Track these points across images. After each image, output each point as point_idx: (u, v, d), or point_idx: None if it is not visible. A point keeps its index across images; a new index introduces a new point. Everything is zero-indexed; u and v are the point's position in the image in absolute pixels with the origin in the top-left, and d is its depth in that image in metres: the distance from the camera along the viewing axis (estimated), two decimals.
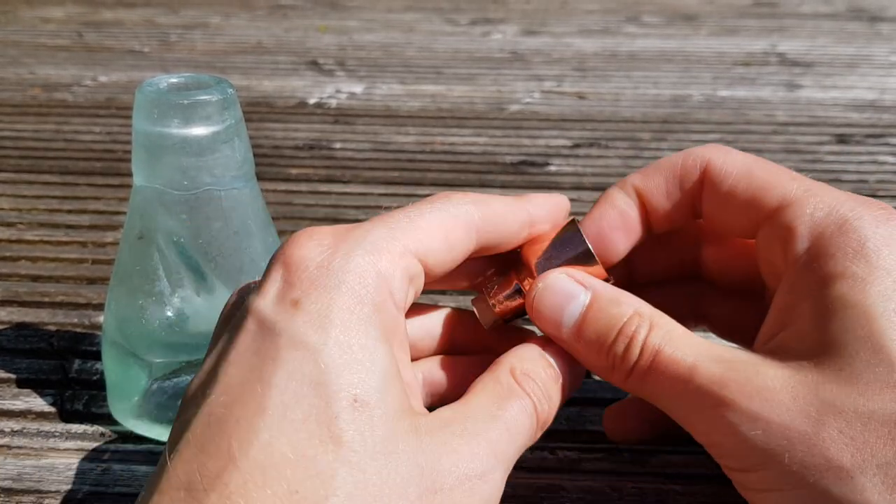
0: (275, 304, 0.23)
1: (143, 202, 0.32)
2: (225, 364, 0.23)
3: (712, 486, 0.32)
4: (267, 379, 0.22)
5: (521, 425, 0.25)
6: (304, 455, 0.21)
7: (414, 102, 0.77)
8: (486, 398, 0.25)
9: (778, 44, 0.99)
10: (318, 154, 0.65)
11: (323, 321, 0.23)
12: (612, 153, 0.65)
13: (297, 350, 0.22)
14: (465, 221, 0.27)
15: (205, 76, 0.32)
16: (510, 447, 0.25)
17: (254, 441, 0.21)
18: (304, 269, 0.23)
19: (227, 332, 0.24)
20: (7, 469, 0.33)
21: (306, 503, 0.20)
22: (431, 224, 0.26)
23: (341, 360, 0.22)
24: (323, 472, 0.21)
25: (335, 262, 0.24)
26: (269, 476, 0.21)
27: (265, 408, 0.21)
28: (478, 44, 1.00)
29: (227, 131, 0.31)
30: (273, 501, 0.20)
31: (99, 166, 0.62)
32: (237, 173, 0.32)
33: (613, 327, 0.26)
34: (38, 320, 0.43)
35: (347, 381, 0.22)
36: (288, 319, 0.23)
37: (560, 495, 0.32)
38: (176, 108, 0.30)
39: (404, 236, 0.25)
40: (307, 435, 0.21)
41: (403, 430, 0.23)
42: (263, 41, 0.99)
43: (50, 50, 0.94)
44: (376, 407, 0.22)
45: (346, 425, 0.22)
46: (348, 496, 0.21)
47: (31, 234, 0.52)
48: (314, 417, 0.21)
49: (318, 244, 0.24)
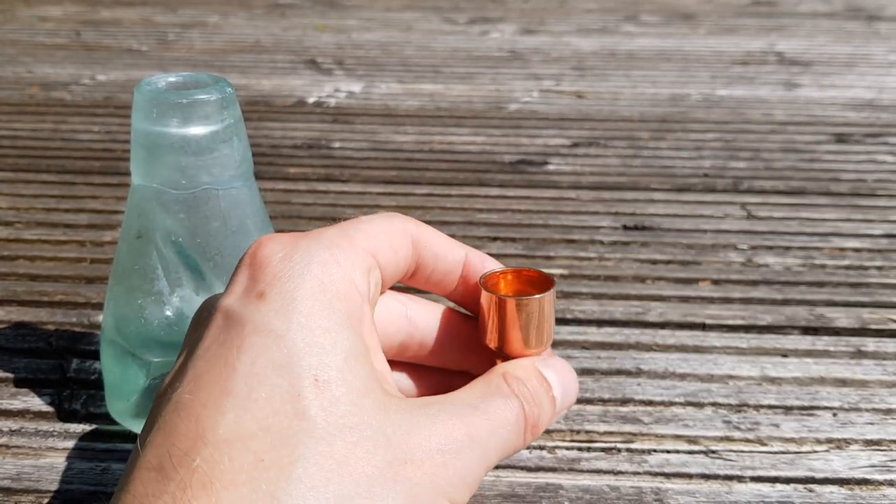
0: (240, 299, 0.24)
1: (142, 201, 0.32)
2: (193, 358, 0.24)
3: (711, 485, 0.32)
4: (232, 364, 0.23)
5: (505, 420, 0.25)
6: (269, 429, 0.22)
7: (412, 101, 0.77)
8: (471, 391, 0.26)
9: (776, 43, 0.99)
10: (317, 153, 0.65)
11: (286, 308, 0.23)
12: (610, 152, 0.65)
13: (260, 336, 0.23)
14: (402, 229, 0.28)
15: (203, 75, 0.32)
16: (490, 438, 0.25)
17: (220, 420, 0.22)
18: (267, 265, 0.25)
19: (196, 332, 0.25)
20: (6, 469, 0.33)
21: (271, 470, 0.21)
22: (375, 227, 0.27)
23: (304, 343, 0.23)
24: (288, 442, 0.21)
25: (297, 256, 0.25)
26: (234, 449, 0.21)
27: (230, 390, 0.22)
28: (476, 43, 1.00)
29: (226, 130, 0.31)
30: (239, 471, 0.21)
31: (97, 165, 0.62)
32: (236, 172, 0.32)
33: None
34: (36, 320, 0.43)
35: (309, 362, 0.23)
36: (253, 310, 0.24)
37: (559, 494, 0.32)
38: (175, 108, 0.30)
39: (356, 234, 0.26)
40: (272, 411, 0.22)
41: (370, 407, 0.23)
42: (262, 40, 0.99)
43: (48, 49, 0.94)
44: (339, 386, 0.23)
45: (310, 402, 0.22)
46: (313, 463, 0.21)
47: (29, 233, 0.52)
48: (278, 396, 0.22)
49: (280, 243, 0.25)
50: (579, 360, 0.40)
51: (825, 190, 0.59)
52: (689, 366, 0.40)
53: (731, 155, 0.65)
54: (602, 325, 0.43)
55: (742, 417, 0.36)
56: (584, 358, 0.40)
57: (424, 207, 0.56)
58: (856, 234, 0.53)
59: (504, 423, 0.25)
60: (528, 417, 0.26)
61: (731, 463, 0.33)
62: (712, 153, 0.66)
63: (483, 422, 0.25)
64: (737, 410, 0.36)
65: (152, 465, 0.21)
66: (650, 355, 0.40)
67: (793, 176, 0.62)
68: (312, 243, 0.25)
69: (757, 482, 0.32)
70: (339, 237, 0.26)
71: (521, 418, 0.26)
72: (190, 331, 0.26)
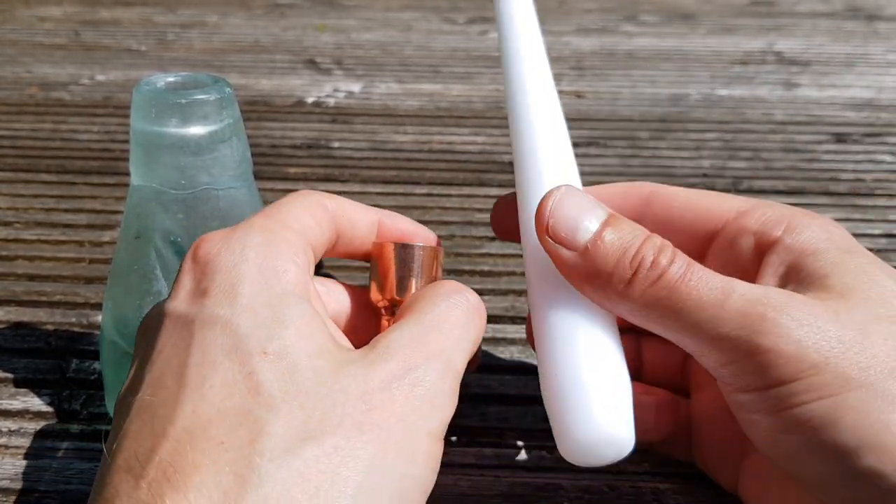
0: (186, 301, 0.25)
1: (141, 201, 0.32)
2: (148, 363, 0.24)
3: (710, 485, 0.32)
4: (184, 360, 0.23)
5: (455, 320, 0.26)
6: (226, 411, 0.22)
7: (412, 101, 0.77)
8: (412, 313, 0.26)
9: (775, 43, 0.99)
10: (316, 153, 0.65)
11: (230, 296, 0.24)
12: (610, 152, 0.65)
13: (208, 328, 0.23)
14: (319, 204, 0.29)
15: (202, 75, 0.32)
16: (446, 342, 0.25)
17: (179, 414, 0.22)
18: (206, 263, 0.25)
19: (146, 339, 0.25)
20: (5, 469, 0.33)
21: (233, 451, 0.21)
22: (297, 207, 0.28)
23: (251, 322, 0.23)
24: (247, 420, 0.22)
25: (232, 246, 0.25)
26: (196, 437, 0.21)
27: (185, 384, 0.22)
28: (476, 42, 1.00)
29: (225, 130, 0.31)
30: (203, 457, 0.21)
31: (96, 165, 0.62)
32: (235, 173, 0.32)
33: (641, 235, 0.26)
34: (35, 320, 0.43)
35: (257, 338, 0.23)
36: (200, 308, 0.24)
37: (558, 494, 0.32)
38: (174, 108, 0.30)
39: (283, 216, 0.27)
40: (227, 394, 0.22)
41: (324, 368, 0.23)
42: (261, 40, 0.99)
43: (47, 49, 0.94)
44: (289, 355, 0.23)
45: (263, 377, 0.22)
46: (274, 434, 0.21)
47: (28, 233, 0.52)
48: (231, 378, 0.22)
49: (214, 240, 0.26)
50: None
51: (824, 189, 0.59)
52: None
53: (730, 155, 0.65)
54: None
55: None
56: None
57: (424, 207, 0.56)
58: (855, 233, 0.53)
59: (455, 323, 0.26)
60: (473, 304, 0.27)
61: None
62: (712, 153, 0.66)
63: (434, 333, 0.25)
64: None
65: (121, 468, 0.22)
66: None
67: (792, 176, 0.62)
68: (245, 233, 0.26)
69: None
70: (268, 222, 0.27)
71: (470, 313, 0.26)
72: (139, 339, 0.26)
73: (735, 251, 0.29)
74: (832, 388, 0.23)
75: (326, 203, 0.29)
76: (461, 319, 0.26)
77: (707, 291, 0.25)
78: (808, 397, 0.24)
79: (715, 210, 0.30)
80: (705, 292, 0.25)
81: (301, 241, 0.27)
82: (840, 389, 0.23)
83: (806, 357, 0.24)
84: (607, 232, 0.26)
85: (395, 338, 0.25)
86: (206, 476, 0.21)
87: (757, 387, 0.25)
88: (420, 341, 0.25)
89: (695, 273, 0.25)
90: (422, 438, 0.23)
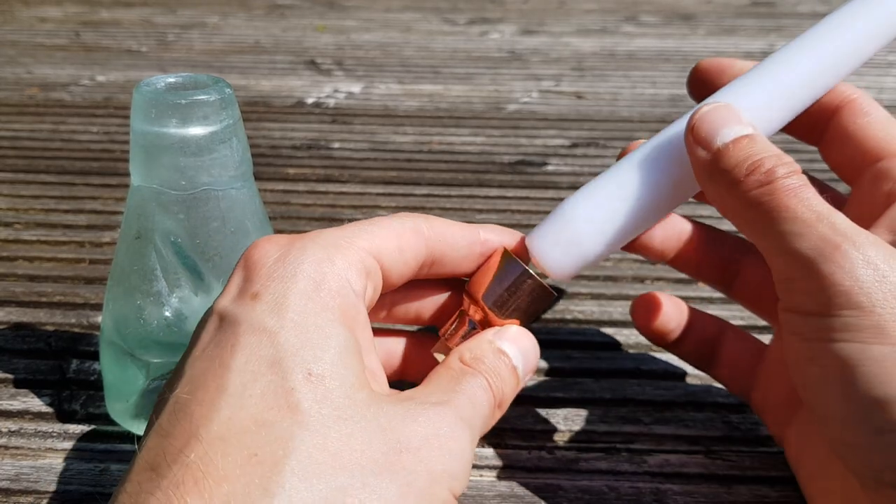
0: (235, 300, 0.25)
1: (141, 202, 0.32)
2: (190, 359, 0.24)
3: (710, 486, 0.32)
4: (226, 363, 0.23)
5: (480, 398, 0.26)
6: (263, 423, 0.22)
7: (412, 102, 0.77)
8: (440, 380, 0.26)
9: (775, 43, 0.99)
10: (316, 154, 0.65)
11: (280, 307, 0.24)
12: (609, 153, 0.65)
13: (255, 335, 0.23)
14: (413, 229, 0.28)
15: (202, 76, 0.32)
16: (475, 417, 0.25)
17: (214, 418, 0.22)
18: (262, 266, 0.25)
19: (196, 335, 0.25)
20: (5, 469, 0.33)
21: (265, 465, 0.21)
22: (382, 228, 0.27)
23: (297, 340, 0.23)
24: (281, 437, 0.22)
25: (291, 255, 0.25)
26: (229, 444, 0.21)
27: (225, 388, 0.22)
28: (476, 43, 1.00)
29: (225, 131, 0.31)
30: (233, 466, 0.21)
31: (96, 166, 0.62)
32: (235, 173, 0.32)
33: (771, 150, 0.27)
34: (35, 320, 0.43)
35: (302, 357, 0.23)
36: (248, 310, 0.24)
37: (558, 495, 0.32)
38: (174, 108, 0.30)
39: (356, 236, 0.27)
40: (265, 406, 0.22)
41: (363, 400, 0.23)
42: (261, 41, 0.99)
43: (47, 49, 0.94)
44: (332, 380, 0.23)
45: (303, 395, 0.22)
46: (307, 455, 0.21)
47: (28, 234, 0.52)
48: (272, 392, 0.22)
49: (275, 244, 0.26)
50: (579, 360, 0.40)
51: None
52: (689, 366, 0.40)
53: None
54: (602, 325, 0.43)
55: (742, 418, 0.36)
56: (584, 358, 0.40)
57: (424, 208, 0.56)
58: None
59: (480, 402, 0.26)
60: (493, 392, 0.27)
61: (730, 463, 0.33)
62: None
63: (465, 401, 0.25)
64: (737, 411, 0.36)
65: (148, 465, 0.22)
66: (650, 355, 0.40)
67: None
68: (308, 243, 0.25)
69: (757, 483, 0.32)
70: (338, 237, 0.26)
71: (489, 394, 0.26)
72: (192, 335, 0.26)
73: (873, 190, 0.30)
74: (865, 334, 0.24)
75: (422, 227, 0.28)
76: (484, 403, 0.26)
77: (805, 209, 0.26)
78: (840, 335, 0.25)
79: (882, 143, 0.31)
80: (803, 209, 0.26)
81: (364, 263, 0.26)
82: (872, 339, 0.24)
83: (854, 297, 0.24)
84: (741, 141, 0.28)
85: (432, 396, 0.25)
86: (236, 486, 0.21)
87: (802, 309, 0.26)
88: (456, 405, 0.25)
89: (803, 191, 0.26)
90: (443, 493, 0.23)
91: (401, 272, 0.28)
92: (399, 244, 0.27)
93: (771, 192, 0.26)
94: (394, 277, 0.28)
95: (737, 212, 0.28)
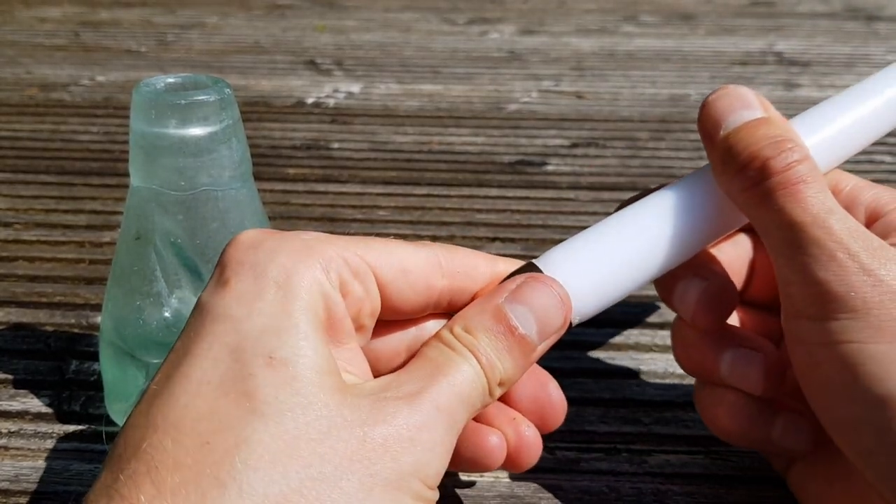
0: (209, 290, 0.24)
1: (140, 202, 0.32)
2: (171, 351, 0.24)
3: (710, 486, 0.32)
4: (191, 350, 0.23)
5: (464, 382, 0.24)
6: (217, 411, 0.21)
7: (412, 102, 0.77)
8: (421, 363, 0.25)
9: (775, 43, 0.99)
10: (316, 154, 0.65)
11: (248, 295, 0.23)
12: (609, 153, 0.65)
13: (220, 322, 0.23)
14: (427, 257, 0.26)
15: (202, 76, 0.32)
16: (456, 404, 0.24)
17: (173, 406, 0.22)
18: (235, 255, 0.25)
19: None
20: (4, 470, 0.33)
21: (216, 453, 0.21)
22: (386, 244, 0.26)
23: (261, 326, 0.23)
24: (234, 425, 0.21)
25: (266, 245, 0.25)
26: (182, 433, 0.21)
27: (186, 374, 0.22)
28: (475, 43, 1.00)
29: (225, 132, 0.31)
30: (185, 454, 0.21)
31: (96, 166, 0.62)
32: (234, 174, 0.32)
33: (781, 135, 0.27)
34: (35, 321, 0.43)
35: (264, 343, 0.22)
36: (217, 298, 0.24)
37: (558, 495, 0.32)
38: (173, 109, 0.30)
39: (349, 240, 0.26)
40: (222, 393, 0.22)
41: (327, 388, 0.22)
42: (261, 41, 0.99)
43: (47, 50, 0.94)
44: (293, 366, 0.22)
45: (261, 381, 0.22)
46: (259, 443, 0.21)
47: (28, 234, 0.52)
48: (230, 378, 0.22)
49: (254, 235, 0.25)
50: (579, 360, 0.40)
51: None
52: None
53: None
54: (602, 325, 0.43)
55: None
56: (583, 358, 0.40)
57: (424, 208, 0.56)
58: None
59: (463, 384, 0.24)
60: (486, 371, 0.25)
61: (731, 464, 0.33)
62: None
63: (445, 388, 0.24)
64: None
65: (113, 458, 0.21)
66: (650, 355, 0.40)
67: None
68: (289, 235, 0.25)
69: (757, 483, 0.32)
70: (324, 237, 0.25)
71: (479, 375, 0.24)
72: None
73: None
74: (864, 335, 0.24)
75: (439, 257, 0.27)
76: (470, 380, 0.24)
77: (801, 212, 0.26)
78: (839, 338, 0.25)
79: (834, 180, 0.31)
80: (799, 212, 0.26)
81: (350, 260, 0.25)
82: (870, 339, 0.24)
83: (850, 301, 0.25)
84: (741, 130, 0.27)
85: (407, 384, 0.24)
86: (187, 475, 0.20)
87: (801, 313, 0.26)
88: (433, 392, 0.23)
89: (802, 190, 0.26)
90: (415, 484, 0.22)
91: (407, 297, 0.26)
92: (402, 265, 0.26)
93: (769, 189, 0.26)
94: (397, 298, 0.26)
95: (742, 207, 0.28)
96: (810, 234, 0.25)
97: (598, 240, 0.28)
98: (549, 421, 0.29)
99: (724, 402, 0.30)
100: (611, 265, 0.28)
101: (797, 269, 0.26)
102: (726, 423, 0.30)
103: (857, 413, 0.24)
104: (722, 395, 0.30)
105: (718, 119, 0.28)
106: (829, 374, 0.25)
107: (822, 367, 0.25)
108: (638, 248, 0.28)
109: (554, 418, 0.28)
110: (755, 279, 0.33)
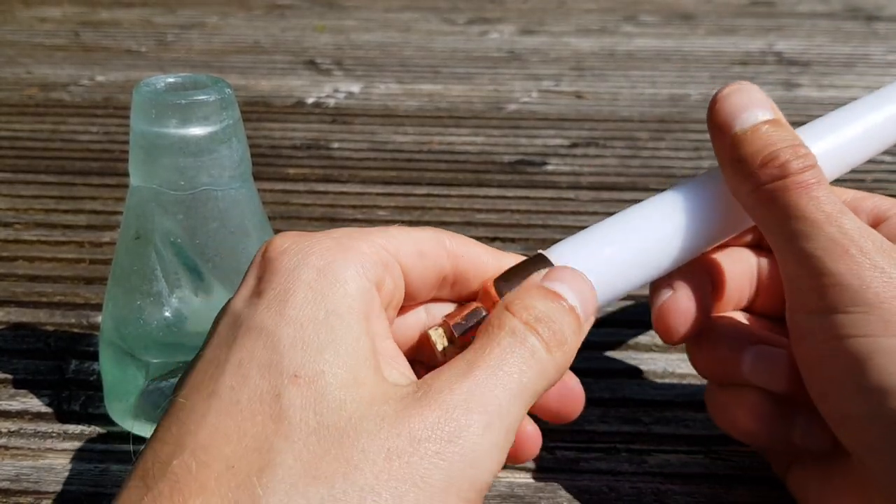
0: (243, 299, 0.24)
1: (140, 202, 0.32)
2: (195, 361, 0.23)
3: (710, 485, 0.32)
4: (222, 366, 0.22)
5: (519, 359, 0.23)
6: (245, 433, 0.21)
7: (412, 102, 0.77)
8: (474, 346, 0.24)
9: (775, 43, 0.99)
10: (316, 154, 0.65)
11: (280, 303, 0.23)
12: (609, 153, 0.65)
13: (251, 335, 0.23)
14: (434, 238, 0.27)
15: (202, 76, 0.32)
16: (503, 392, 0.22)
17: (202, 424, 0.21)
18: (269, 261, 0.24)
19: (207, 335, 0.25)
20: (4, 470, 0.33)
21: (239, 477, 0.20)
22: (400, 231, 0.26)
23: (290, 339, 0.22)
24: (260, 447, 0.21)
25: (298, 246, 0.24)
26: (210, 455, 0.21)
27: (216, 392, 0.22)
28: (475, 43, 1.00)
29: (225, 131, 0.31)
30: (209, 478, 0.20)
31: (96, 166, 0.62)
32: (234, 173, 0.32)
33: (789, 139, 0.27)
34: (35, 320, 0.43)
35: (291, 359, 0.22)
36: (252, 308, 0.23)
37: (558, 495, 0.32)
38: (173, 109, 0.30)
39: (372, 232, 0.25)
40: (250, 414, 0.21)
41: (354, 403, 0.22)
42: (261, 41, 0.99)
43: (47, 50, 0.94)
44: (319, 383, 0.22)
45: (288, 402, 0.21)
46: (285, 467, 0.20)
47: (28, 234, 0.52)
48: (258, 397, 0.22)
49: (286, 238, 0.25)
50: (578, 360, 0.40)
51: None
52: (688, 366, 0.39)
53: None
54: (602, 325, 0.43)
55: None
56: (583, 358, 0.40)
57: (424, 208, 0.56)
58: None
59: (519, 362, 0.23)
60: (547, 341, 0.24)
61: (731, 464, 0.33)
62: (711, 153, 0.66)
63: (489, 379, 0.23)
64: None
65: (138, 474, 0.21)
66: (650, 355, 0.40)
67: None
68: (319, 235, 0.24)
69: (757, 483, 0.32)
70: (353, 232, 0.25)
71: (538, 345, 0.24)
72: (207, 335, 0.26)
73: None
74: (875, 328, 0.24)
75: (444, 239, 0.26)
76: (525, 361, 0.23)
77: (815, 209, 0.26)
78: (850, 332, 0.25)
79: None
80: (813, 209, 0.26)
81: (380, 254, 0.25)
82: (881, 332, 0.24)
83: (862, 295, 0.25)
84: (759, 129, 0.28)
85: (442, 379, 0.23)
86: (210, 500, 0.20)
87: (810, 308, 0.26)
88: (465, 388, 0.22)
89: (816, 189, 0.26)
90: (447, 500, 0.21)
91: (422, 279, 0.26)
92: (419, 248, 0.26)
93: (784, 187, 0.26)
94: (415, 283, 0.26)
95: (749, 205, 0.28)
96: (824, 230, 0.26)
97: (604, 236, 0.28)
98: (571, 409, 0.29)
99: (745, 402, 0.30)
100: (615, 260, 0.28)
101: (808, 264, 0.26)
102: (747, 423, 0.30)
103: (864, 407, 0.24)
104: (741, 395, 0.30)
105: (731, 114, 0.28)
106: (837, 369, 0.25)
107: (829, 361, 0.25)
108: (641, 245, 0.28)
109: (574, 406, 0.29)
110: (761, 292, 0.33)
